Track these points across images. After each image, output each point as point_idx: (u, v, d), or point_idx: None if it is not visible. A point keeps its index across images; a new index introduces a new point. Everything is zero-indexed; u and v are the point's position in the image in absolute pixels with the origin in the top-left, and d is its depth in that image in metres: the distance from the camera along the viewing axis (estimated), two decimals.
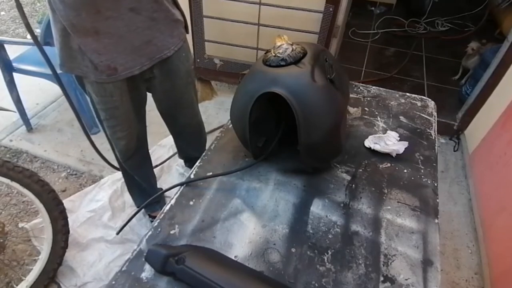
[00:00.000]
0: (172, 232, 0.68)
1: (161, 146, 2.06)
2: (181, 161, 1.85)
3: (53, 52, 1.07)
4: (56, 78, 1.22)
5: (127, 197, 1.64)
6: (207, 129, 2.09)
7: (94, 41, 0.98)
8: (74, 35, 0.97)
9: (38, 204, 1.28)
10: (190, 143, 1.59)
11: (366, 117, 1.00)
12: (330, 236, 0.69)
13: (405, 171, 0.84)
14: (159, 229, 0.69)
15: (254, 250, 0.66)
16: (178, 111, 1.37)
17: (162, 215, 0.72)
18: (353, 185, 0.80)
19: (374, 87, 1.13)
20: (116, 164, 1.50)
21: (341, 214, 0.73)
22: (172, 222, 0.70)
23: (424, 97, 1.09)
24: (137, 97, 1.20)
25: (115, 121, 1.18)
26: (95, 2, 0.92)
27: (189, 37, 1.26)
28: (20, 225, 1.61)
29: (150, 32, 1.05)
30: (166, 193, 1.32)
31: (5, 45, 1.91)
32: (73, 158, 2.00)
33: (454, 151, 2.14)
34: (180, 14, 1.15)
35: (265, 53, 0.75)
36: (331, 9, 1.85)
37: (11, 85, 2.00)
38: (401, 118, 1.00)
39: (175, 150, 1.83)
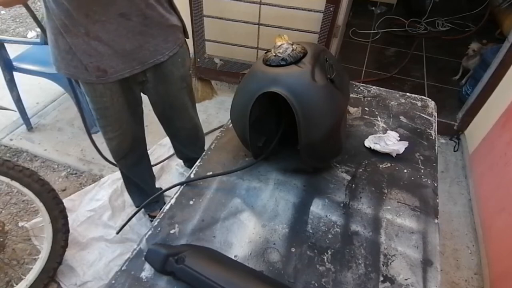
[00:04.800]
0: (172, 231, 0.68)
1: (161, 145, 2.06)
2: (181, 161, 1.85)
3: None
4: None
5: (127, 196, 1.64)
6: (207, 129, 2.11)
7: (84, 43, 0.98)
8: (65, 35, 0.97)
9: (38, 203, 1.28)
10: (186, 145, 1.59)
11: (366, 117, 1.00)
12: (330, 236, 0.69)
13: (405, 171, 0.84)
14: (159, 229, 0.69)
15: (254, 249, 0.66)
16: (173, 114, 1.36)
17: (162, 214, 0.72)
18: (353, 185, 0.80)
19: (374, 87, 1.13)
20: None
21: (341, 214, 0.73)
22: (172, 222, 0.70)
23: (424, 97, 1.09)
24: (131, 99, 1.20)
25: (106, 121, 1.18)
26: (84, 5, 0.92)
27: (189, 37, 1.26)
28: (20, 224, 1.61)
29: (142, 37, 1.04)
30: (166, 193, 1.32)
31: (6, 44, 1.91)
32: (73, 157, 2.00)
33: (454, 151, 2.14)
34: (177, 19, 1.13)
35: (266, 52, 0.75)
36: (331, 8, 1.85)
37: (11, 84, 2.00)
38: (401, 118, 1.00)
39: None
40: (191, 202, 0.75)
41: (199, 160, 0.85)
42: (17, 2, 0.88)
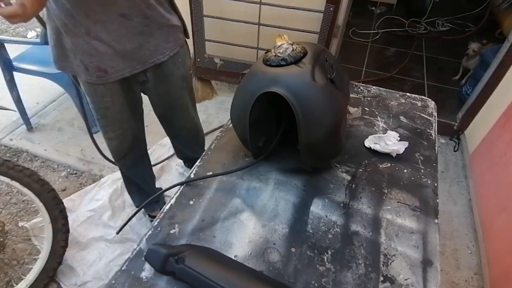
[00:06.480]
0: (172, 231, 0.68)
1: (161, 145, 2.06)
2: (181, 161, 1.85)
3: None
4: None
5: (127, 196, 1.64)
6: (207, 129, 2.11)
7: (85, 43, 0.98)
8: (66, 35, 0.97)
9: (38, 203, 1.28)
10: (186, 145, 1.59)
11: (366, 117, 1.00)
12: (330, 236, 0.69)
13: (405, 171, 0.84)
14: (159, 229, 0.69)
15: (254, 249, 0.66)
16: (173, 114, 1.36)
17: (162, 214, 0.72)
18: (353, 185, 0.80)
19: (374, 87, 1.13)
20: None
21: (341, 214, 0.73)
22: (172, 222, 0.70)
23: (424, 97, 1.09)
24: (131, 98, 1.20)
25: (106, 121, 1.18)
26: (84, 5, 0.91)
27: (189, 37, 1.26)
28: (20, 224, 1.61)
29: (143, 37, 1.04)
30: (166, 193, 1.32)
31: (6, 44, 1.91)
32: (73, 157, 2.00)
33: (454, 151, 2.14)
34: (178, 20, 1.13)
35: (266, 52, 0.75)
36: (331, 8, 1.85)
37: (11, 84, 2.00)
38: (401, 118, 1.00)
39: None
40: (191, 202, 0.75)
41: (199, 160, 0.85)
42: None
